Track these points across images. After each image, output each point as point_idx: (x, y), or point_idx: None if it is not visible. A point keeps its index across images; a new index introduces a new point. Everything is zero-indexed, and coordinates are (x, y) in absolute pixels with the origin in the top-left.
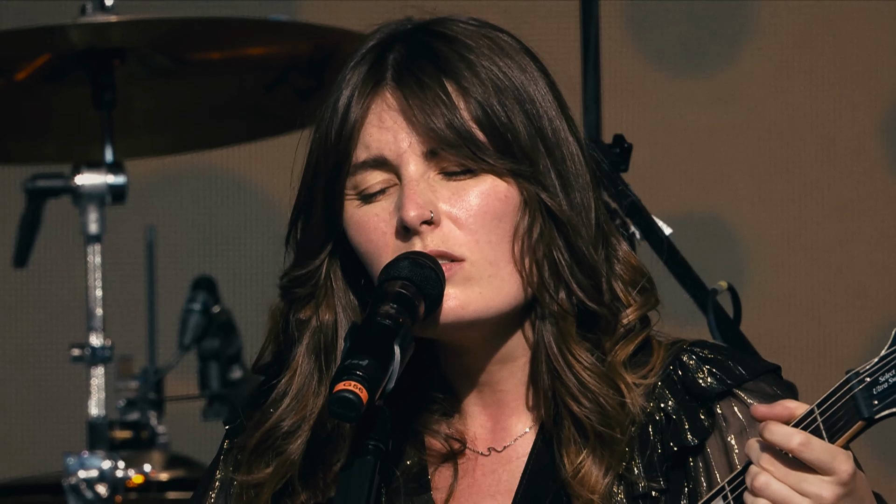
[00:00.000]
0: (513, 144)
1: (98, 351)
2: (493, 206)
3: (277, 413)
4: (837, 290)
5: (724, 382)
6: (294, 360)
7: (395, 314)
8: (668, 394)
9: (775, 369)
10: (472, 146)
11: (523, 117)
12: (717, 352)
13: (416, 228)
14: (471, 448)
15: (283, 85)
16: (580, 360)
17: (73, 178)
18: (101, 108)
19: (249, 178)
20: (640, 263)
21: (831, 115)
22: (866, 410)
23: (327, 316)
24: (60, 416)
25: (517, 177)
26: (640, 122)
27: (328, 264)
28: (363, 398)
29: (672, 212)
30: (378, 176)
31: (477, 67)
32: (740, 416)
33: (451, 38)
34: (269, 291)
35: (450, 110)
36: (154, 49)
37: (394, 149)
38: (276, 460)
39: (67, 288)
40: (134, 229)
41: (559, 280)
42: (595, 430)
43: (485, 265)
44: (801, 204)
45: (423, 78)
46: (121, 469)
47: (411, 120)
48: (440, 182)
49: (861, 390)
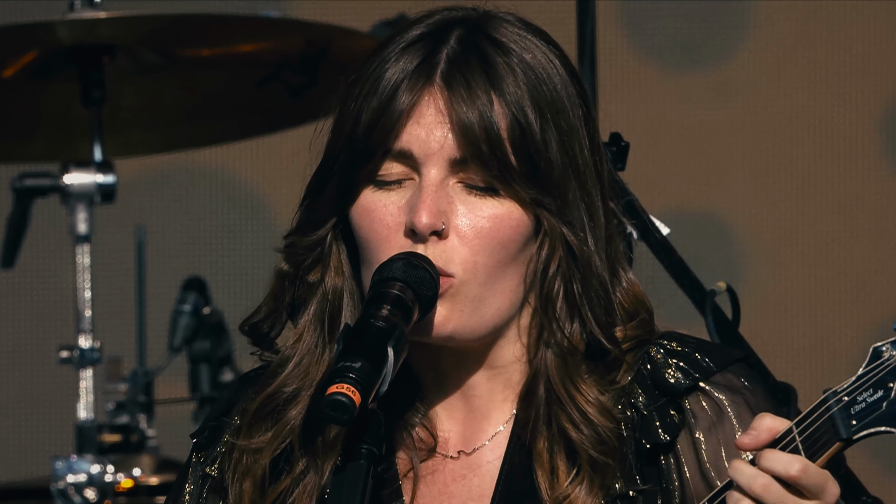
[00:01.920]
0: (544, 174)
1: (87, 353)
2: (503, 233)
3: (280, 378)
4: (836, 290)
5: (690, 376)
6: (300, 325)
7: (389, 316)
8: (638, 389)
9: (744, 358)
10: (503, 167)
11: (560, 147)
12: (685, 344)
13: (425, 237)
14: (440, 452)
15: (275, 82)
16: (584, 395)
17: (62, 176)
18: (90, 106)
19: (241, 176)
20: (643, 295)
21: (830, 112)
22: (844, 431)
23: (337, 280)
24: (48, 420)
25: (540, 207)
26: (637, 120)
27: (332, 236)
28: (356, 401)
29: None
30: (398, 167)
31: (523, 86)
32: (708, 410)
33: (504, 45)
34: (261, 292)
35: (490, 125)
36: (144, 45)
37: (424, 147)
38: (275, 426)
39: (55, 289)
40: (123, 229)
41: (573, 313)
42: (588, 456)
43: (473, 286)
44: (799, 202)
45: (473, 84)
46: (110, 473)
47: (448, 122)
48: (459, 193)
49: (839, 410)
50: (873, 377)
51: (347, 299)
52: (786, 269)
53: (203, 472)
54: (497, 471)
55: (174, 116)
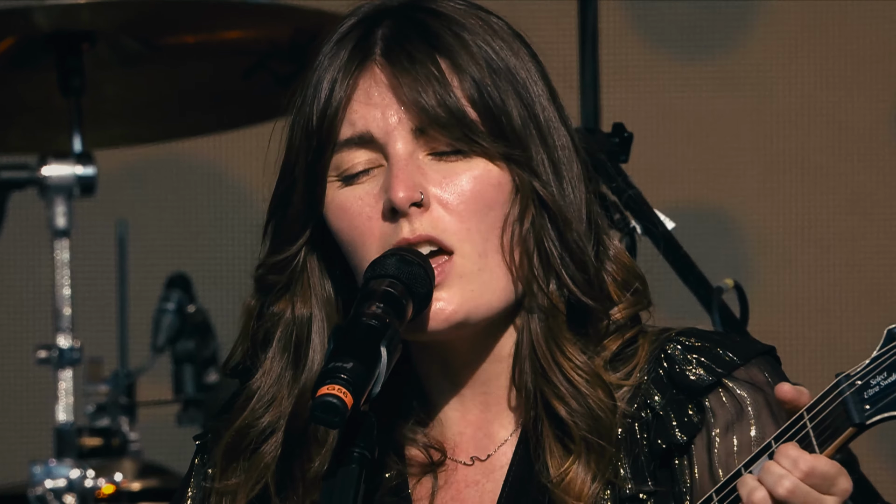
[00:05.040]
0: (506, 128)
1: (66, 353)
2: (486, 193)
3: (247, 413)
4: (849, 288)
5: (712, 372)
6: (266, 357)
7: (382, 314)
8: (654, 390)
9: (769, 350)
10: (464, 126)
11: (517, 101)
12: (706, 339)
13: (405, 210)
14: (451, 458)
15: (262, 71)
16: (571, 359)
17: (40, 169)
18: (68, 95)
19: (227, 169)
20: (633, 263)
21: (843, 102)
22: (857, 416)
23: (302, 310)
24: (26, 423)
25: (510, 162)
26: (641, 110)
27: (306, 252)
28: (348, 403)
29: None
30: (362, 155)
31: (471, 46)
32: (730, 408)
33: (443, 14)
34: (248, 290)
35: (442, 87)
36: (125, 32)
37: (381, 125)
38: (249, 465)
39: (33, 286)
40: (104, 224)
41: (549, 272)
42: (582, 435)
43: (475, 257)
44: (811, 195)
45: (415, 54)
46: (90, 478)
47: (401, 97)
48: (429, 163)
49: (852, 394)
50: (888, 360)
51: (317, 325)
52: (797, 266)
53: (206, 473)
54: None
55: (157, 106)
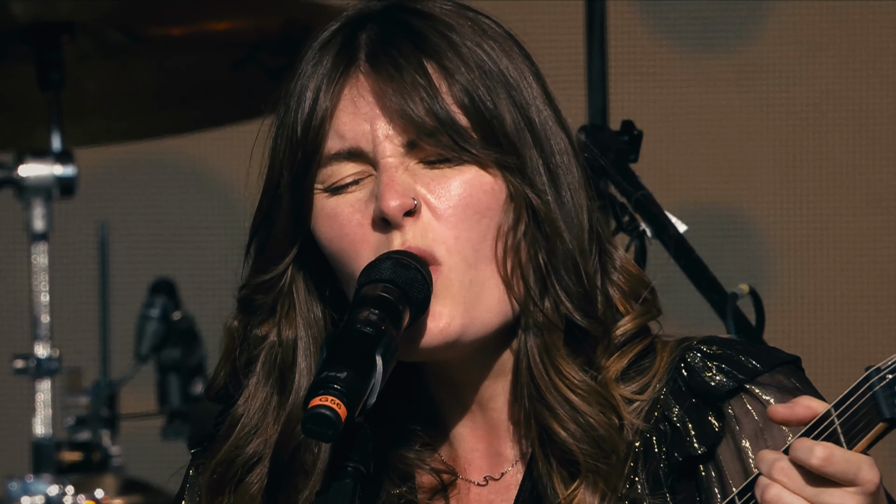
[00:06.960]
0: (499, 133)
1: (44, 362)
2: (477, 199)
3: (231, 441)
4: (872, 292)
5: (734, 378)
6: (249, 382)
7: (377, 321)
8: (673, 401)
9: (794, 360)
10: (455, 134)
11: (510, 105)
12: (727, 346)
13: (398, 221)
14: (464, 478)
15: (252, 64)
16: (567, 378)
17: (17, 168)
18: (47, 90)
19: (214, 169)
20: (640, 271)
21: (865, 96)
22: (888, 410)
23: (288, 332)
24: (1, 436)
25: (503, 169)
26: (651, 106)
27: (293, 272)
28: (342, 415)
29: (687, 206)
30: (351, 168)
31: (460, 48)
32: (755, 414)
33: (430, 15)
34: (235, 296)
35: (430, 95)
36: (107, 23)
37: (370, 139)
38: (234, 497)
39: (9, 292)
40: (84, 226)
41: (544, 287)
42: (585, 459)
43: (463, 268)
44: (830, 195)
45: (400, 59)
46: (69, 495)
47: (387, 106)
48: (420, 170)
49: (882, 388)
50: None
51: (304, 348)
52: (816, 270)
53: (199, 486)
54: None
55: (141, 102)
